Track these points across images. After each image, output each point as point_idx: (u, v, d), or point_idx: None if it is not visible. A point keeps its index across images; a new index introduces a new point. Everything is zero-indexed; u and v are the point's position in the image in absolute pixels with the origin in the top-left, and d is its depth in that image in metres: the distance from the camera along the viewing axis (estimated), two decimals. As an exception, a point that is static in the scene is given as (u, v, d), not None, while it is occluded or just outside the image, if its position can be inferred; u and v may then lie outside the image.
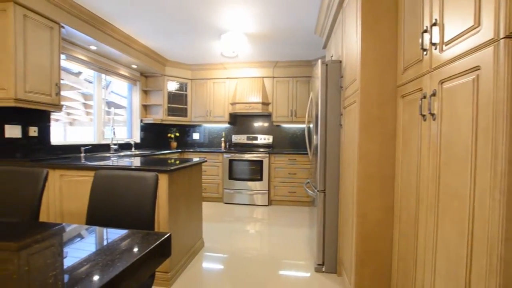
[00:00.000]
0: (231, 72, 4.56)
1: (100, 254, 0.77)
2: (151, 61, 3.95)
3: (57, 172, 2.09)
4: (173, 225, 1.94)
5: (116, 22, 2.97)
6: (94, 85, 3.47)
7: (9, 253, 0.80)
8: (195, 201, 2.39)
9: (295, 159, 4.03)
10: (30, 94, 2.14)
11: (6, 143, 2.27)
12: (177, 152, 4.13)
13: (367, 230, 1.47)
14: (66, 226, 1.03)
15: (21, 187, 1.31)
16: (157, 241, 0.83)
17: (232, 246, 2.59)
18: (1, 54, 2.03)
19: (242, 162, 4.16)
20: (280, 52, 3.98)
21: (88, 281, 0.62)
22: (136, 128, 4.28)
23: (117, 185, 1.23)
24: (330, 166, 2.07)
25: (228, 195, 4.22)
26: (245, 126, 4.88)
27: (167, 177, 1.85)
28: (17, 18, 2.04)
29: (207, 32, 3.22)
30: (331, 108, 2.06)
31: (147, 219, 1.15)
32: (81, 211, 2.05)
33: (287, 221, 3.37)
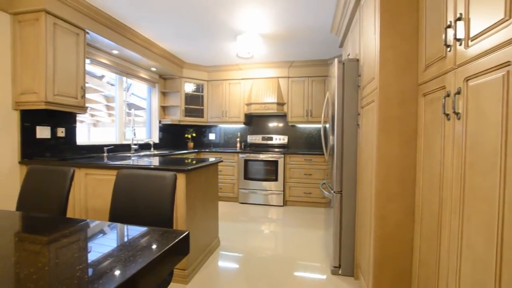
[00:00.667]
0: (247, 73, 4.59)
1: (122, 249, 0.80)
2: (169, 64, 4.05)
3: (82, 171, 2.19)
4: (190, 223, 1.97)
5: (136, 27, 3.07)
6: (116, 88, 3.61)
7: (41, 246, 0.84)
8: (211, 200, 2.42)
9: (310, 160, 3.99)
10: (59, 97, 2.26)
11: (37, 143, 2.41)
12: (194, 152, 4.21)
13: (386, 233, 1.43)
14: (90, 222, 1.08)
15: (51, 184, 1.39)
16: (176, 239, 0.85)
17: (247, 245, 2.60)
18: (34, 60, 2.17)
19: (257, 162, 4.17)
20: (296, 52, 3.95)
21: (112, 276, 0.65)
22: (155, 128, 4.40)
23: (138, 183, 1.27)
24: (346, 167, 2.02)
25: (243, 195, 4.24)
26: (260, 126, 4.88)
27: (184, 177, 1.89)
28: (48, 26, 2.16)
29: (223, 34, 3.26)
30: (348, 107, 2.02)
31: (166, 217, 1.18)
32: (104, 208, 2.14)
33: (303, 222, 3.34)
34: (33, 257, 0.75)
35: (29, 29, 2.18)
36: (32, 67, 2.17)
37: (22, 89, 2.20)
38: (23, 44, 2.20)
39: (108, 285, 0.60)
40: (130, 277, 0.64)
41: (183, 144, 5.10)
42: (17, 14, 2.21)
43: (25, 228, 1.03)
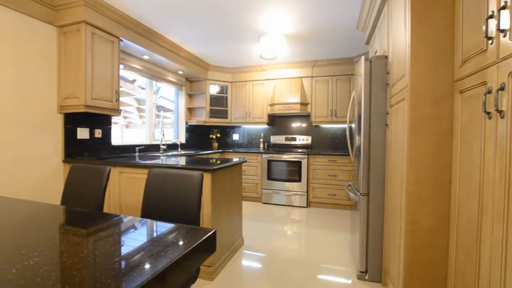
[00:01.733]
0: (270, 74, 4.59)
1: (153, 244, 0.84)
2: (195, 67, 4.17)
3: (117, 169, 2.33)
4: (215, 222, 2.02)
5: (165, 32, 3.21)
6: (146, 91, 3.80)
7: (81, 238, 0.91)
8: (235, 200, 2.45)
9: (335, 161, 3.88)
10: (96, 101, 2.43)
11: (77, 143, 2.62)
12: (219, 152, 4.29)
13: (417, 239, 1.35)
14: (123, 218, 1.14)
15: (90, 181, 1.50)
16: (204, 236, 0.87)
17: (270, 245, 2.60)
18: (75, 67, 2.35)
19: (281, 163, 4.15)
20: (320, 51, 3.87)
21: (145, 269, 0.68)
22: (182, 129, 4.57)
23: (167, 182, 1.33)
24: (374, 168, 1.94)
25: (266, 195, 4.24)
26: (284, 126, 4.85)
27: (210, 176, 1.93)
28: (87, 36, 2.34)
29: (247, 35, 3.29)
30: (375, 106, 1.94)
31: (194, 215, 1.21)
32: (136, 205, 2.26)
33: (327, 224, 3.26)
34: (75, 248, 0.82)
35: (72, 39, 2.37)
36: (74, 74, 2.36)
37: (66, 94, 2.41)
38: (66, 53, 2.40)
39: (141, 277, 0.63)
40: (162, 270, 0.66)
41: (208, 145, 5.23)
42: (62, 27, 2.41)
43: (68, 221, 1.12)
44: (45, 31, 2.35)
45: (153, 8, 2.60)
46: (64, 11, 2.38)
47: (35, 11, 2.26)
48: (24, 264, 0.69)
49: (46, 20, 2.34)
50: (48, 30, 2.37)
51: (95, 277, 0.64)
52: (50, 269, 0.67)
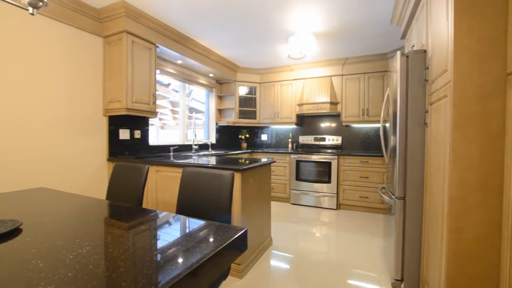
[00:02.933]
0: (298, 73, 4.53)
1: (187, 240, 0.88)
2: (225, 69, 4.27)
3: (154, 168, 2.48)
4: (245, 220, 2.05)
5: (197, 37, 3.33)
6: (179, 94, 3.98)
7: (124, 231, 0.99)
8: (264, 200, 2.46)
9: (367, 162, 3.71)
10: (136, 104, 2.61)
11: (119, 143, 2.83)
12: (247, 152, 4.34)
13: (462, 249, 1.23)
14: (159, 213, 1.21)
15: (130, 179, 1.61)
16: (236, 235, 0.89)
17: (299, 247, 2.57)
18: (118, 74, 2.55)
19: (309, 163, 4.07)
20: (350, 48, 3.73)
21: (181, 262, 0.72)
22: (212, 130, 4.70)
23: (200, 180, 1.38)
24: (411, 170, 1.82)
25: (295, 196, 4.19)
26: (313, 126, 4.76)
27: (240, 176, 1.97)
28: (128, 44, 2.52)
29: (275, 36, 3.29)
30: (413, 105, 1.81)
31: (225, 213, 1.25)
32: (170, 201, 2.38)
33: (358, 228, 3.13)
34: (119, 240, 0.88)
35: (115, 48, 2.58)
36: (117, 79, 2.56)
37: (110, 98, 2.62)
38: (110, 60, 2.62)
39: (177, 270, 0.67)
40: (197, 266, 0.69)
41: (237, 145, 5.32)
42: (107, 37, 2.64)
43: (111, 215, 1.22)
44: (93, 42, 2.59)
45: (186, 14, 2.72)
46: (109, 22, 2.59)
47: (85, 24, 2.50)
48: (78, 252, 0.77)
49: (93, 31, 2.57)
50: (95, 40, 2.61)
51: (137, 268, 0.68)
52: (99, 257, 0.74)
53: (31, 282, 0.61)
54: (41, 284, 0.60)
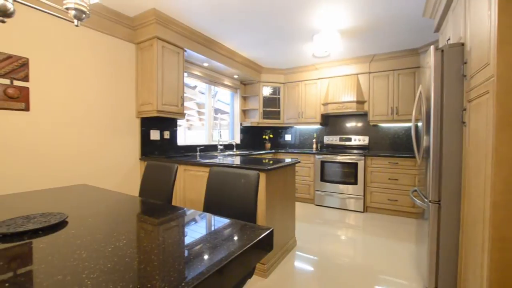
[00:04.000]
0: (323, 72, 4.43)
1: (215, 238, 0.90)
2: (249, 70, 4.31)
3: (182, 167, 2.58)
4: (269, 220, 2.05)
5: (222, 40, 3.40)
6: (205, 96, 4.09)
7: (155, 226, 1.04)
8: (288, 200, 2.44)
9: (396, 163, 3.52)
10: (165, 106, 2.73)
11: (150, 143, 2.98)
12: (271, 153, 4.34)
13: (507, 260, 1.12)
14: (186, 211, 1.25)
15: (161, 177, 1.69)
16: (263, 234, 0.89)
17: (323, 249, 2.51)
18: (149, 77, 2.69)
19: (335, 164, 3.96)
20: (378, 44, 3.57)
21: (209, 260, 0.73)
22: (237, 130, 4.77)
23: (226, 180, 1.41)
24: (447, 172, 1.69)
25: (319, 197, 4.10)
26: (338, 126, 4.63)
27: (265, 176, 1.97)
28: (158, 49, 2.64)
29: (300, 35, 3.24)
30: (448, 102, 1.69)
31: (250, 212, 1.26)
32: (197, 199, 2.45)
33: (386, 232, 2.98)
34: (152, 235, 0.93)
35: (146, 53, 2.72)
36: (148, 83, 2.70)
37: (142, 101, 2.77)
38: (142, 65, 2.76)
39: (207, 268, 0.68)
40: (225, 263, 0.71)
41: (261, 145, 5.34)
42: (139, 43, 2.79)
43: (144, 211, 1.28)
44: (127, 48, 2.75)
45: (212, 18, 2.79)
46: (141, 29, 2.74)
47: (121, 33, 2.67)
48: (116, 245, 0.82)
49: (127, 39, 2.74)
50: (129, 47, 2.77)
51: (169, 263, 0.71)
52: (135, 251, 0.78)
53: (77, 270, 0.67)
54: (85, 273, 0.65)
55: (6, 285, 0.60)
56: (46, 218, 1.03)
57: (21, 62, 1.99)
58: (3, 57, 1.89)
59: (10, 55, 1.93)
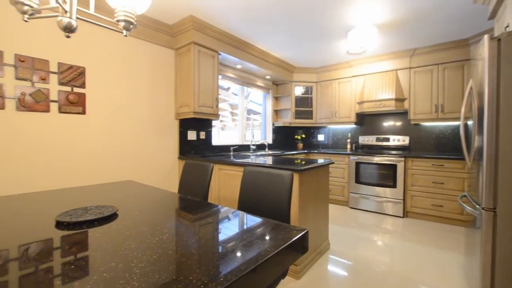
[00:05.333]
0: (358, 70, 4.23)
1: (251, 236, 0.92)
2: (281, 70, 4.29)
3: (217, 166, 2.66)
4: (302, 221, 2.02)
5: (255, 42, 3.44)
6: (238, 97, 4.17)
7: (195, 222, 1.09)
8: (322, 202, 2.38)
9: (442, 165, 3.22)
10: (201, 108, 2.85)
11: (187, 143, 3.13)
12: (303, 153, 4.27)
13: None
14: (220, 208, 1.29)
15: (198, 175, 1.77)
16: (298, 235, 0.89)
17: (358, 254, 2.39)
18: (186, 81, 2.83)
19: (371, 166, 3.76)
20: (420, 37, 3.30)
21: (246, 258, 0.75)
22: (269, 131, 4.78)
23: (260, 179, 1.42)
24: (504, 176, 1.50)
25: (354, 200, 3.93)
26: (374, 126, 4.38)
27: (298, 176, 1.95)
28: (195, 54, 2.77)
29: (333, 32, 3.14)
30: (506, 97, 1.50)
31: (284, 213, 1.25)
32: (231, 198, 2.51)
33: (429, 240, 2.74)
34: (191, 230, 0.98)
35: (184, 58, 2.86)
36: (186, 86, 2.84)
37: (180, 103, 2.92)
38: (180, 69, 2.92)
39: (244, 265, 0.70)
40: (262, 262, 0.72)
41: (293, 145, 5.28)
42: (178, 49, 2.95)
43: (183, 207, 1.35)
44: (167, 54, 2.94)
45: (245, 21, 2.83)
46: (179, 36, 2.89)
47: (162, 40, 2.85)
48: (160, 237, 0.88)
49: (168, 45, 2.92)
50: (169, 53, 2.95)
51: (208, 258, 0.74)
52: (176, 245, 0.83)
53: (127, 259, 0.73)
54: (134, 262, 0.71)
55: (72, 267, 0.69)
56: (100, 210, 1.15)
57: (79, 71, 2.23)
58: (65, 68, 2.15)
59: (71, 65, 2.18)
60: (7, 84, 1.87)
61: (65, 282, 0.62)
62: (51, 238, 0.88)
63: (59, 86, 2.12)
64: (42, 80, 2.03)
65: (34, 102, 1.99)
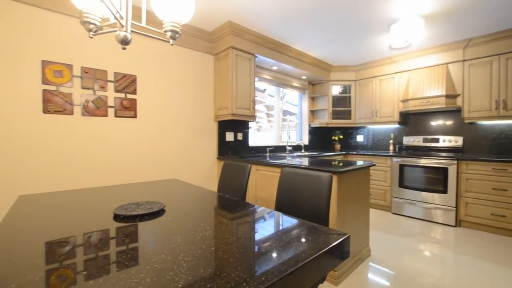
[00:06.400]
0: (402, 65, 3.92)
1: (291, 238, 0.91)
2: (318, 70, 4.18)
3: (254, 167, 2.70)
4: (341, 225, 1.93)
5: (291, 43, 3.40)
6: (274, 98, 4.17)
7: (233, 220, 1.11)
8: (362, 206, 2.26)
9: (504, 170, 2.81)
10: (239, 110, 2.92)
11: (225, 144, 3.24)
12: (341, 154, 4.09)
13: None
14: (257, 208, 1.29)
15: (236, 175, 1.82)
16: (339, 240, 0.85)
17: (402, 264, 2.21)
18: (225, 84, 2.92)
19: (417, 169, 3.44)
20: (475, 26, 2.92)
21: (287, 259, 0.74)
22: (305, 131, 4.69)
23: (298, 181, 1.40)
24: None
25: (397, 205, 3.64)
26: (421, 125, 4.01)
27: (336, 178, 1.88)
28: (233, 58, 2.85)
29: (373, 27, 2.96)
30: None
31: (322, 215, 1.22)
32: (267, 198, 2.52)
33: (487, 253, 2.41)
34: (233, 228, 1.00)
35: (222, 62, 2.97)
36: (224, 89, 2.94)
37: (219, 105, 3.04)
38: (219, 73, 3.03)
39: (285, 266, 0.69)
40: (302, 264, 0.71)
41: (330, 146, 5.10)
42: (217, 54, 3.07)
43: (224, 205, 1.39)
44: (207, 60, 3.08)
45: (282, 23, 2.82)
46: (218, 41, 3.01)
47: (203, 46, 3.00)
48: (203, 234, 0.93)
49: (207, 51, 3.05)
50: (209, 58, 3.09)
51: (249, 257, 0.76)
52: (219, 241, 0.86)
53: (175, 252, 0.78)
54: (181, 255, 0.76)
55: (128, 256, 0.76)
56: (150, 206, 1.24)
57: (132, 79, 2.46)
58: (120, 76, 2.38)
59: (124, 74, 2.41)
60: (75, 93, 2.14)
61: (122, 268, 0.69)
62: (108, 228, 0.98)
63: (115, 93, 2.35)
64: (102, 88, 2.28)
65: (95, 108, 2.25)
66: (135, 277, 0.64)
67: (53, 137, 2.06)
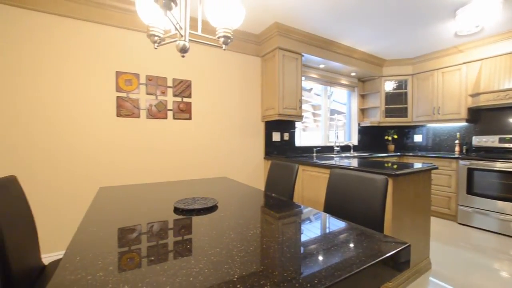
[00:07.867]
0: (470, 54, 3.37)
1: (344, 241, 0.86)
2: (368, 66, 3.89)
3: (301, 167, 2.66)
4: (396, 232, 1.76)
5: (339, 39, 3.24)
6: (321, 97, 4.02)
7: (283, 220, 1.11)
8: (421, 213, 2.02)
9: None
10: (285, 110, 2.90)
11: (272, 144, 3.26)
12: (396, 156, 3.73)
13: None
14: (303, 208, 1.26)
15: (283, 175, 1.81)
16: (398, 249, 0.78)
17: (469, 282, 1.89)
18: (272, 85, 2.94)
19: (491, 174, 2.92)
20: None
21: (341, 264, 0.71)
22: (354, 131, 4.41)
23: (348, 183, 1.32)
24: None
25: (464, 214, 3.15)
26: (496, 123, 3.39)
27: (391, 181, 1.72)
28: (280, 58, 2.85)
29: (434, 14, 2.61)
30: None
31: (376, 220, 1.12)
32: (314, 199, 2.45)
33: None
34: (282, 228, 1.00)
35: (269, 63, 2.99)
36: (271, 89, 2.96)
37: (266, 106, 3.07)
38: (266, 74, 3.06)
39: (339, 271, 0.66)
40: (358, 271, 0.66)
41: (382, 147, 4.70)
42: (264, 55, 3.10)
43: (266, 204, 1.39)
44: (255, 62, 3.14)
45: (329, 19, 2.70)
46: (265, 43, 3.04)
47: (250, 50, 3.07)
48: (254, 231, 0.94)
49: (255, 54, 3.11)
50: (256, 61, 3.15)
51: (300, 258, 0.74)
52: (269, 240, 0.87)
53: (228, 247, 0.81)
54: (234, 250, 0.78)
55: (187, 246, 0.82)
56: (204, 201, 1.32)
57: (187, 84, 2.65)
58: (177, 82, 2.59)
59: (181, 80, 2.62)
60: (141, 98, 2.41)
61: (181, 257, 0.74)
62: (168, 220, 1.07)
63: (173, 97, 2.58)
64: (162, 94, 2.51)
65: (157, 111, 2.49)
66: (194, 267, 0.68)
67: (124, 137, 2.36)
